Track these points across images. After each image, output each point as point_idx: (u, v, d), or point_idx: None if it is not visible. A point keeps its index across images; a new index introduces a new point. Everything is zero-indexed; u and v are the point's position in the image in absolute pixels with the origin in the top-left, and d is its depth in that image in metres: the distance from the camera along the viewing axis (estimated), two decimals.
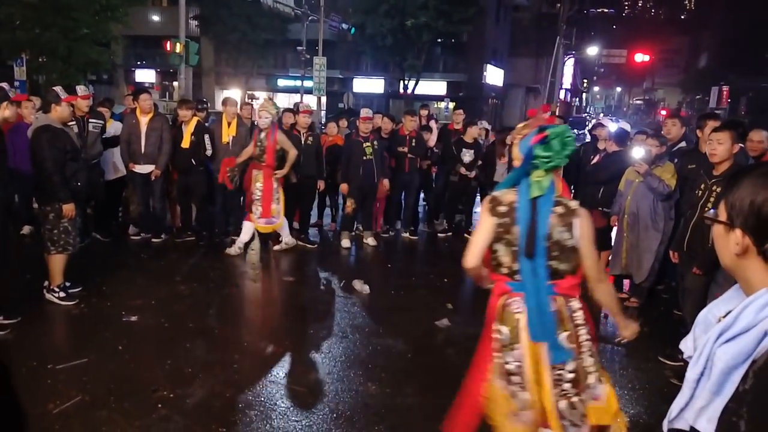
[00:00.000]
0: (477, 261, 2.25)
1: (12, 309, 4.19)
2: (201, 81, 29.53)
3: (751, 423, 0.91)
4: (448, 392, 3.35)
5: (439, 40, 27.28)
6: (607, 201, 5.41)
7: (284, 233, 6.43)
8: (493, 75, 32.77)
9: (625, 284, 5.62)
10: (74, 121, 5.66)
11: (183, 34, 15.12)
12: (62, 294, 4.61)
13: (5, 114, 4.03)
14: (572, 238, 2.17)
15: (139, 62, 33.34)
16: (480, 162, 7.44)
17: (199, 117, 6.74)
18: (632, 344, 4.30)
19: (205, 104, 7.90)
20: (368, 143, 6.68)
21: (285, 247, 6.47)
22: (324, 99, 24.39)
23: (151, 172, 6.27)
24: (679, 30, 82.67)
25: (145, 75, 33.51)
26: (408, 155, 7.13)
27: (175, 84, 25.30)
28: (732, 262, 1.06)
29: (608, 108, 72.78)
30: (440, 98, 29.33)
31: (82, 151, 5.17)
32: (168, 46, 15.48)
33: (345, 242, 6.87)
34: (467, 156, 7.35)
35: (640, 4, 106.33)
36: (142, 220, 6.62)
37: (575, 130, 23.98)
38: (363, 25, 25.06)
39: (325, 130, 7.85)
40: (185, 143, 6.35)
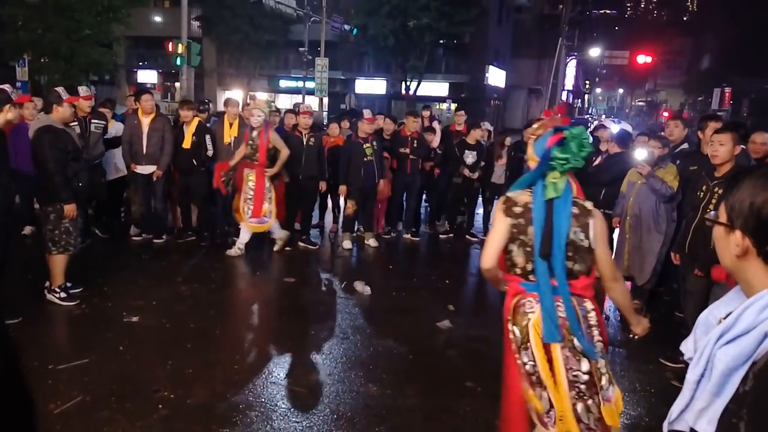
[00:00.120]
0: (493, 262, 2.27)
1: (13, 309, 4.20)
2: (203, 82, 29.64)
3: (751, 424, 0.90)
4: (450, 393, 3.34)
5: (441, 42, 27.28)
6: (609, 203, 5.39)
7: (275, 229, 6.41)
8: (495, 76, 32.72)
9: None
10: (76, 122, 5.68)
11: (185, 35, 15.14)
12: (63, 294, 4.62)
13: (8, 117, 4.02)
14: (587, 239, 2.18)
15: (141, 63, 33.46)
16: (483, 163, 7.45)
17: (201, 118, 6.76)
18: (633, 346, 4.32)
19: (207, 105, 7.92)
20: (368, 144, 6.68)
21: (281, 243, 6.47)
22: (326, 100, 24.39)
23: (153, 173, 6.28)
24: (682, 31, 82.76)
25: (147, 76, 33.59)
26: (410, 156, 7.13)
27: (177, 85, 25.42)
28: (732, 264, 1.06)
29: (610, 109, 72.64)
30: (442, 99, 29.28)
31: (85, 152, 5.18)
32: (170, 47, 15.53)
33: (346, 243, 6.87)
34: (470, 158, 7.35)
35: (643, 6, 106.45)
36: (144, 221, 6.63)
37: None
38: (365, 26, 25.13)
39: (327, 131, 7.86)
40: (186, 144, 6.36)
